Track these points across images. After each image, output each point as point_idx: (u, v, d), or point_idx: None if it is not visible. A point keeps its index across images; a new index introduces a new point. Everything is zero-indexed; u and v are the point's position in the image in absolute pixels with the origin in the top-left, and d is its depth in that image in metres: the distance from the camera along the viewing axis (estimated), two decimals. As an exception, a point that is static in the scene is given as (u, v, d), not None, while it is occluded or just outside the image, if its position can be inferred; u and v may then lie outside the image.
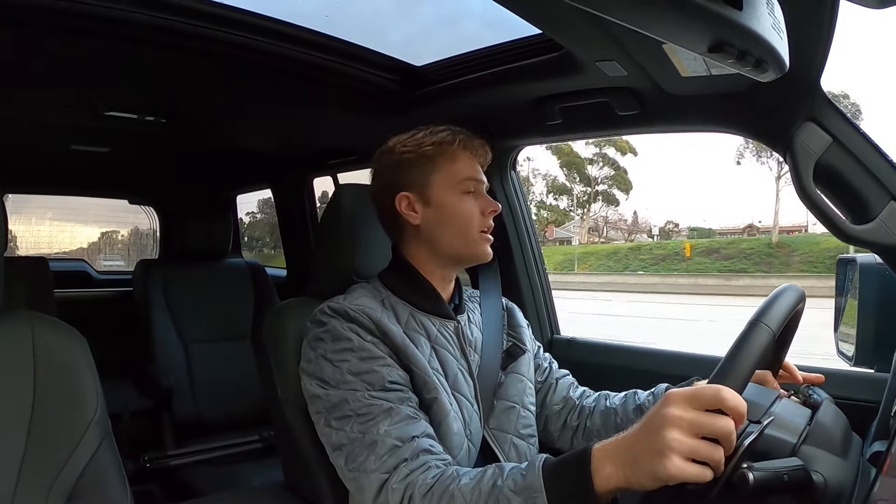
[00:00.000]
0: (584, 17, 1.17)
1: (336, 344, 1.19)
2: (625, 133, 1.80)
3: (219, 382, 2.87)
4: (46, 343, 1.05)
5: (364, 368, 1.15)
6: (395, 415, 1.11)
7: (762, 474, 0.93)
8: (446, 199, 1.31)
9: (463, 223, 1.31)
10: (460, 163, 1.33)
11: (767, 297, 1.07)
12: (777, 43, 0.69)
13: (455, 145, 1.33)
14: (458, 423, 1.23)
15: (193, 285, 3.03)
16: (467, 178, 1.32)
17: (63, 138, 2.70)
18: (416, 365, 1.21)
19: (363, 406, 1.12)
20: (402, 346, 1.21)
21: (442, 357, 1.29)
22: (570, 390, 1.53)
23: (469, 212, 1.31)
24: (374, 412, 1.11)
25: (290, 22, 1.65)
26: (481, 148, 1.37)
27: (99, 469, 1.05)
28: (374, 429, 1.09)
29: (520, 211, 2.13)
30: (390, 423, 1.09)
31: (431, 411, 1.21)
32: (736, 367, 0.95)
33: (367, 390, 1.13)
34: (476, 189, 1.34)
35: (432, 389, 1.21)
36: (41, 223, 6.72)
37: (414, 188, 1.32)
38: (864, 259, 1.42)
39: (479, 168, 1.36)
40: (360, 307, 1.23)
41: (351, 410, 1.12)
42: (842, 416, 1.15)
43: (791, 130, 1.29)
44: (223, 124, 2.57)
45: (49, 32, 1.46)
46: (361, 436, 1.10)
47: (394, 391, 1.15)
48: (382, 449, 1.07)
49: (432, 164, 1.32)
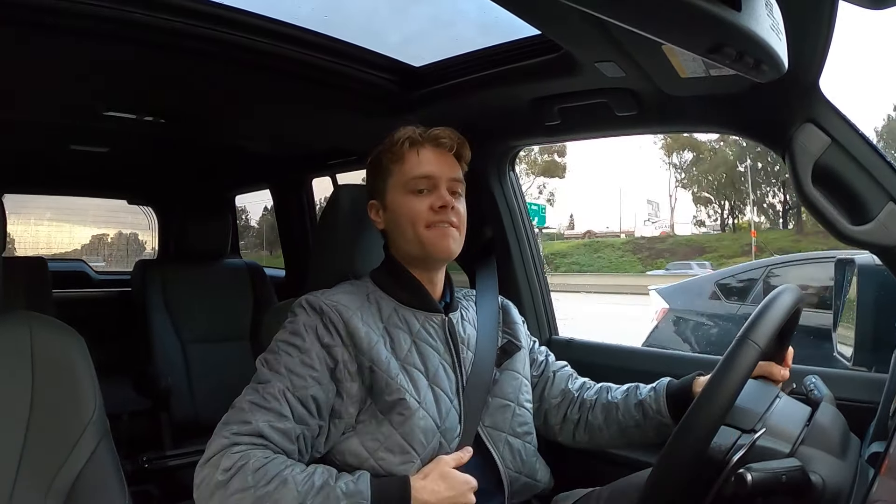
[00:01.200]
0: (584, 18, 1.17)
1: (291, 337, 1.23)
2: (623, 134, 1.80)
3: (217, 383, 2.84)
4: (45, 343, 1.05)
5: (298, 371, 1.18)
6: (282, 422, 1.13)
7: (760, 475, 0.93)
8: (397, 202, 1.34)
9: (409, 222, 1.32)
10: (408, 163, 1.34)
11: (758, 308, 1.08)
12: (776, 44, 0.70)
13: (399, 146, 1.35)
14: (428, 421, 1.24)
15: (192, 286, 3.02)
16: (414, 178, 1.33)
17: (62, 138, 2.70)
18: (380, 366, 1.23)
19: (272, 396, 1.15)
20: (367, 348, 1.23)
21: (423, 351, 1.30)
22: (569, 382, 1.53)
23: (412, 209, 1.32)
24: (270, 406, 1.14)
25: (288, 22, 1.64)
26: (445, 137, 1.36)
27: (97, 469, 1.05)
28: (257, 414, 1.13)
29: (518, 211, 2.12)
30: (272, 423, 1.12)
31: (395, 412, 1.22)
32: (721, 388, 0.96)
33: (286, 388, 1.16)
34: (429, 186, 1.33)
35: (395, 391, 1.22)
36: (39, 223, 6.71)
37: (376, 195, 1.39)
38: (863, 260, 1.42)
39: (438, 161, 1.35)
40: (335, 303, 1.26)
41: (262, 390, 1.16)
42: (840, 416, 1.15)
43: (790, 131, 1.29)
44: (222, 125, 2.56)
45: (48, 32, 1.45)
46: (246, 411, 1.13)
47: (305, 407, 1.17)
48: (246, 430, 1.11)
49: (386, 169, 1.37)
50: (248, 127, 2.63)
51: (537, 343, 1.59)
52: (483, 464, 1.30)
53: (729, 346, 1.04)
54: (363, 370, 1.22)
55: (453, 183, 1.36)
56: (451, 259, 1.38)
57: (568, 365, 1.58)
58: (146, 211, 4.22)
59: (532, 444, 1.40)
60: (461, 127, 1.39)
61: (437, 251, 1.32)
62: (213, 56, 1.65)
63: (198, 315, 2.98)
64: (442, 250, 1.32)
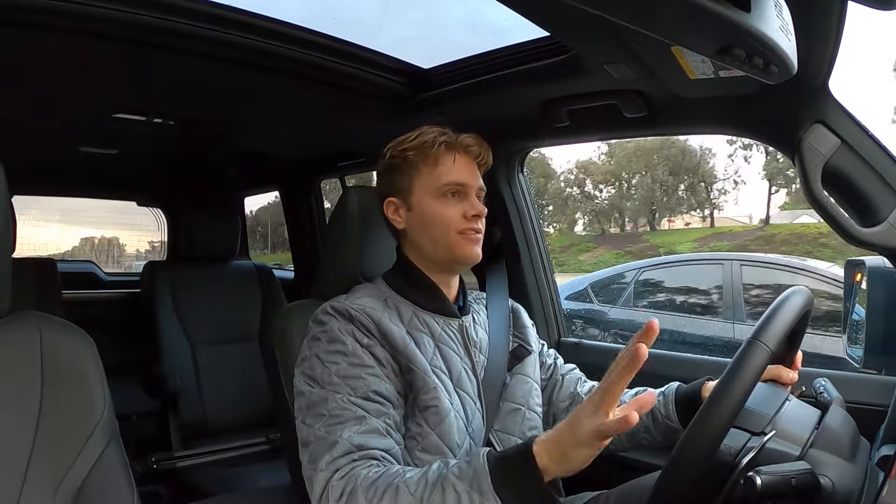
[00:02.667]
0: (593, 20, 1.17)
1: (331, 345, 1.20)
2: (633, 135, 1.80)
3: (226, 384, 2.88)
4: (54, 344, 1.05)
5: (352, 373, 1.16)
6: (364, 424, 1.11)
7: (770, 478, 0.93)
8: (426, 204, 1.31)
9: (440, 227, 1.30)
10: (442, 166, 1.32)
11: (768, 309, 1.07)
12: (785, 45, 0.69)
13: (436, 148, 1.31)
14: (459, 422, 1.24)
15: (201, 287, 3.03)
16: (449, 183, 1.31)
17: (71, 140, 2.72)
18: (417, 364, 1.21)
19: (338, 408, 1.12)
20: (403, 346, 1.21)
21: (446, 355, 1.29)
22: (578, 386, 1.52)
23: (446, 214, 1.30)
24: (346, 416, 1.11)
25: (298, 25, 1.65)
26: (475, 146, 1.35)
27: (106, 470, 1.05)
28: (338, 431, 1.10)
29: (527, 213, 2.12)
30: (357, 430, 1.10)
31: (430, 412, 1.21)
32: (731, 392, 0.96)
33: (348, 394, 1.14)
34: (460, 192, 1.32)
35: (431, 390, 1.21)
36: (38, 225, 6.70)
37: (399, 193, 1.34)
38: (873, 262, 1.41)
39: (469, 169, 1.34)
40: (362, 307, 1.24)
41: (326, 410, 1.13)
42: (850, 419, 1.14)
43: (799, 133, 1.28)
44: (231, 126, 2.57)
45: (58, 35, 1.46)
46: (326, 436, 1.10)
47: (374, 402, 1.15)
48: (338, 451, 1.08)
49: (414, 168, 1.33)
50: (256, 128, 2.63)
51: (546, 346, 1.58)
52: None
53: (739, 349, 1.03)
54: (402, 369, 1.21)
55: (480, 192, 1.36)
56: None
57: (577, 368, 1.57)
58: (155, 212, 4.23)
59: None
60: (470, 129, 1.39)
61: (466, 257, 1.32)
62: (223, 58, 1.65)
63: (206, 316, 2.99)
64: (470, 257, 1.32)
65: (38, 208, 5.91)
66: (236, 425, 2.78)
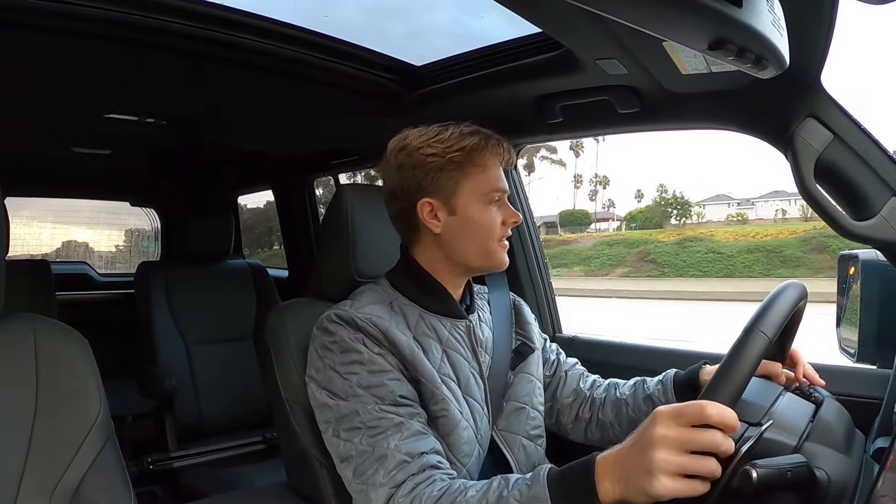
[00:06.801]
0: (585, 16, 1.17)
1: (345, 356, 1.17)
2: (626, 131, 1.80)
3: (221, 384, 2.87)
4: (48, 346, 1.05)
5: (374, 382, 1.14)
6: (405, 430, 1.10)
7: (765, 472, 0.93)
8: (472, 210, 1.26)
9: (484, 234, 1.26)
10: (491, 171, 1.26)
11: (765, 300, 1.07)
12: (777, 40, 0.69)
13: (486, 152, 1.26)
14: (468, 431, 1.22)
15: (195, 286, 3.03)
16: (495, 190, 1.26)
17: (64, 140, 2.71)
18: (425, 376, 1.19)
19: (373, 419, 1.10)
20: (411, 356, 1.19)
21: (453, 360, 1.27)
22: (581, 381, 1.52)
23: (493, 222, 1.27)
24: (384, 426, 1.10)
25: (289, 23, 1.64)
26: (507, 152, 1.30)
27: (102, 471, 1.05)
28: (383, 443, 1.08)
29: (521, 208, 2.12)
30: (400, 437, 1.09)
31: (439, 423, 1.19)
32: (730, 377, 0.95)
33: (377, 404, 1.12)
34: (500, 199, 1.29)
35: (440, 401, 1.19)
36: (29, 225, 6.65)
37: (439, 195, 1.25)
38: (866, 255, 1.42)
39: (504, 174, 1.31)
40: (368, 316, 1.20)
41: (361, 423, 1.11)
42: (845, 412, 1.15)
43: (792, 127, 1.29)
44: (224, 125, 2.57)
45: (50, 35, 1.46)
46: (371, 449, 1.09)
47: (404, 405, 1.14)
48: (391, 463, 1.06)
49: (461, 171, 1.25)
50: (249, 127, 2.63)
51: (548, 341, 1.57)
52: (498, 467, 1.29)
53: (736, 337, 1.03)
54: (411, 379, 1.19)
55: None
56: None
57: (579, 363, 1.57)
58: (149, 212, 4.22)
59: (542, 446, 1.40)
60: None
61: (501, 264, 1.30)
62: (214, 57, 1.65)
63: (201, 316, 2.98)
64: (504, 264, 1.31)
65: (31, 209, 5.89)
66: (232, 425, 2.78)
